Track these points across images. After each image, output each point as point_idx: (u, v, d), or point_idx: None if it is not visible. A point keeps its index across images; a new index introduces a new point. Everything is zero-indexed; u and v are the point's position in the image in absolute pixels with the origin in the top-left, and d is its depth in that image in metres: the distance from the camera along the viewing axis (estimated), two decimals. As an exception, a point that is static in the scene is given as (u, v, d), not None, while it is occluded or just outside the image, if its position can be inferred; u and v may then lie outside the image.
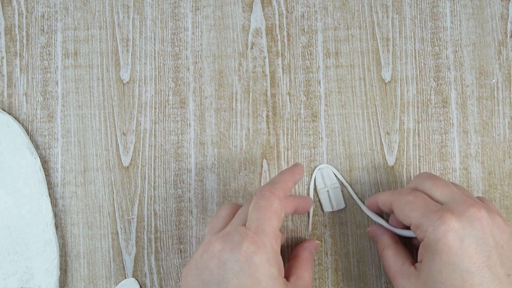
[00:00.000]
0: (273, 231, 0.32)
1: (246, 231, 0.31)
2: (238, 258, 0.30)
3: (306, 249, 0.37)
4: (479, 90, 0.41)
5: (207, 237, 0.34)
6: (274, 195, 0.33)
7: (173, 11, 0.42)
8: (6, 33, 0.42)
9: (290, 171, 0.36)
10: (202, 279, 0.32)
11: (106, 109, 0.42)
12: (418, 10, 0.42)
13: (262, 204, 0.32)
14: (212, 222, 0.35)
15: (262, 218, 0.32)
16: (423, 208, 0.32)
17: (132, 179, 0.41)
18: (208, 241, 0.33)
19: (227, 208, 0.35)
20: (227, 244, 0.31)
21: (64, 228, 0.41)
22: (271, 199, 0.32)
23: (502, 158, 0.41)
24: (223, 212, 0.35)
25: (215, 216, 0.35)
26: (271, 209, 0.32)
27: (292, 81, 0.42)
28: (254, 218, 0.32)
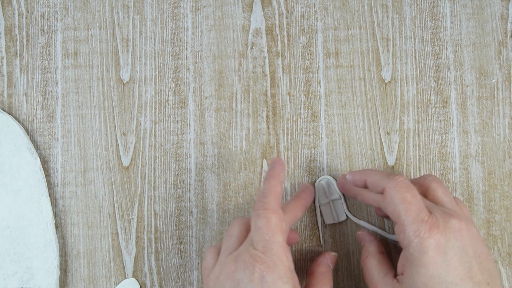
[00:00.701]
0: (280, 248, 0.32)
1: (255, 253, 0.31)
2: (251, 278, 0.31)
3: (321, 264, 0.37)
4: (479, 90, 0.41)
5: (222, 257, 0.34)
6: (269, 211, 0.32)
7: (173, 11, 0.42)
8: (6, 33, 0.42)
9: (273, 174, 0.35)
10: None
11: (106, 109, 0.42)
12: (418, 10, 0.42)
13: (260, 225, 0.32)
14: (225, 242, 0.35)
15: (265, 238, 0.32)
16: (415, 213, 0.32)
17: (132, 179, 0.41)
18: (223, 262, 0.33)
19: (238, 225, 0.35)
20: (240, 265, 0.31)
21: (64, 228, 0.41)
22: (267, 216, 0.32)
23: (502, 158, 0.41)
24: (234, 231, 0.35)
25: (226, 234, 0.35)
26: (271, 226, 0.32)
27: (292, 81, 0.42)
28: (258, 239, 0.32)
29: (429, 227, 0.31)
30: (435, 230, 0.31)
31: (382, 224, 0.40)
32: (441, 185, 0.35)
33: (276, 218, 0.32)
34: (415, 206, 0.32)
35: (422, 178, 0.36)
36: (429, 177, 0.35)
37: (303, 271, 0.40)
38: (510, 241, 0.40)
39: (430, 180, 0.35)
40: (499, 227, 0.40)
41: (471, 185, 0.41)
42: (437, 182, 0.35)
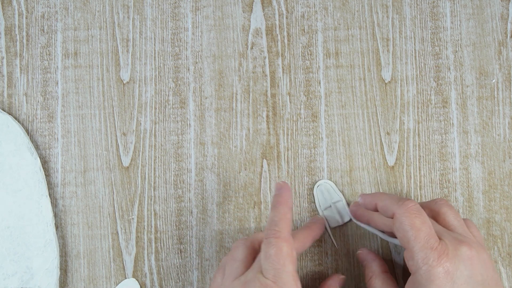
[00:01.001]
0: (290, 277, 0.31)
1: (266, 281, 0.31)
2: None
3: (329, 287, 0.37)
4: (479, 90, 0.41)
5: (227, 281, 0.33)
6: (280, 239, 0.32)
7: (173, 11, 0.42)
8: (6, 33, 0.42)
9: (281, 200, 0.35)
10: None
11: (106, 109, 0.42)
12: (418, 10, 0.42)
13: (271, 253, 0.32)
14: (230, 266, 0.34)
15: (276, 267, 0.31)
16: (424, 240, 0.31)
17: (132, 179, 0.41)
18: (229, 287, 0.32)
19: (242, 249, 0.34)
20: None
21: (64, 228, 0.41)
22: (279, 244, 0.32)
23: (502, 158, 0.41)
24: (239, 255, 0.34)
25: (230, 258, 0.34)
26: (282, 255, 0.32)
27: (292, 81, 0.42)
28: (269, 268, 0.32)
29: (438, 255, 0.30)
30: (444, 258, 0.30)
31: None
32: (452, 209, 0.35)
33: (287, 247, 0.32)
34: (424, 233, 0.32)
35: (432, 202, 0.36)
36: (440, 201, 0.35)
37: (308, 276, 0.40)
38: (510, 241, 0.40)
39: (441, 204, 0.35)
40: (499, 227, 0.40)
41: (471, 185, 0.41)
42: (448, 206, 0.35)
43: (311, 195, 0.41)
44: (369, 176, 0.41)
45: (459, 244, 0.31)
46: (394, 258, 0.40)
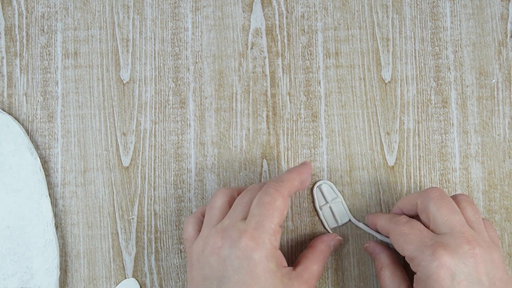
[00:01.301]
0: (273, 228, 0.32)
1: (245, 227, 0.31)
2: (237, 254, 0.30)
3: (323, 242, 0.37)
4: (479, 90, 0.41)
5: (205, 229, 0.34)
6: (279, 193, 0.33)
7: (173, 11, 0.42)
8: (6, 33, 0.42)
9: (298, 169, 0.36)
10: (203, 274, 0.32)
11: (106, 109, 0.42)
12: (418, 10, 0.42)
13: (265, 200, 0.32)
14: (208, 213, 0.34)
15: (264, 214, 0.32)
16: (417, 241, 0.32)
17: (132, 179, 0.41)
18: (207, 235, 0.33)
19: (221, 197, 0.35)
20: (226, 241, 0.31)
21: (64, 228, 0.41)
22: (275, 196, 0.32)
23: (502, 158, 0.41)
24: (217, 202, 0.34)
25: (209, 206, 0.35)
26: (274, 205, 0.32)
27: (292, 81, 0.42)
28: (256, 213, 0.32)
29: (433, 250, 0.30)
30: (440, 252, 0.30)
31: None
32: (471, 205, 0.34)
33: (282, 202, 0.32)
34: (414, 235, 0.32)
35: (454, 196, 0.35)
36: (461, 196, 0.35)
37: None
38: (510, 241, 0.40)
39: (461, 198, 0.35)
40: (499, 227, 0.40)
41: (471, 185, 0.41)
42: (467, 202, 0.34)
43: (311, 195, 0.41)
44: (369, 176, 0.41)
45: (464, 242, 0.31)
46: None
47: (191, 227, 0.35)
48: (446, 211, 0.33)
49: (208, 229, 0.33)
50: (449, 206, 0.33)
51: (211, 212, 0.34)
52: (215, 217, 0.34)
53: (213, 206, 0.35)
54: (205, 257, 0.32)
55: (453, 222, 0.32)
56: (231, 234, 0.31)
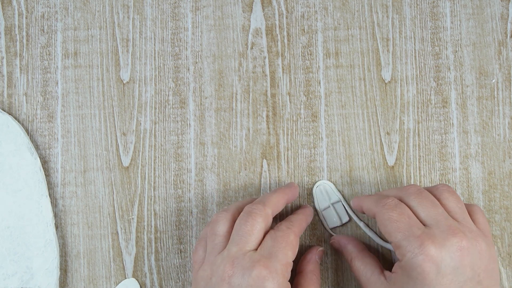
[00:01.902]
0: (286, 259, 0.32)
1: (258, 257, 0.31)
2: (250, 282, 0.30)
3: (309, 262, 0.37)
4: (479, 90, 0.41)
5: (210, 256, 0.33)
6: (291, 230, 0.34)
7: (173, 11, 0.42)
8: (6, 33, 0.42)
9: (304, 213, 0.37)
10: None
11: (106, 109, 0.42)
12: (418, 10, 0.42)
13: (279, 234, 0.33)
14: (211, 240, 0.34)
15: (277, 246, 0.32)
16: (405, 229, 0.31)
17: (132, 179, 0.41)
18: (213, 262, 0.33)
19: (224, 223, 0.34)
20: (237, 269, 0.31)
21: (64, 228, 0.41)
22: (288, 232, 0.33)
23: (502, 158, 0.41)
24: (220, 229, 0.34)
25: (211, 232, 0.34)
26: (287, 239, 0.33)
27: (292, 81, 0.42)
28: (269, 245, 0.32)
29: (421, 242, 0.30)
30: (428, 244, 0.30)
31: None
32: (453, 195, 0.34)
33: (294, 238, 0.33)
34: (403, 223, 0.32)
35: (434, 187, 0.35)
36: (442, 187, 0.35)
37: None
38: (510, 241, 0.40)
39: (442, 190, 0.34)
40: (499, 227, 0.40)
41: (471, 185, 0.41)
42: (449, 192, 0.34)
43: (311, 195, 0.41)
44: (369, 176, 0.41)
45: (450, 234, 0.30)
46: (393, 258, 0.40)
47: (201, 250, 0.35)
48: (427, 205, 0.32)
49: (213, 256, 0.33)
50: (429, 200, 0.33)
51: (214, 240, 0.34)
52: (220, 245, 0.34)
53: (216, 233, 0.34)
54: (213, 285, 0.32)
55: (436, 215, 0.32)
56: (242, 262, 0.31)
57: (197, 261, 0.35)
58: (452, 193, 0.34)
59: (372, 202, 0.35)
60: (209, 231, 0.35)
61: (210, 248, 0.34)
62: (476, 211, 0.34)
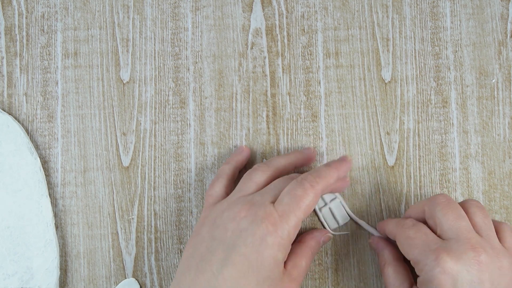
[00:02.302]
0: (296, 222, 0.32)
1: (272, 211, 0.32)
2: (255, 231, 0.31)
3: (313, 238, 0.37)
4: (479, 90, 0.41)
5: (235, 195, 0.35)
6: (313, 188, 0.33)
7: (173, 11, 0.42)
8: (6, 33, 0.42)
9: (337, 167, 0.36)
10: (214, 234, 0.33)
11: (106, 109, 0.42)
12: (418, 10, 0.42)
13: (298, 193, 0.33)
14: (243, 182, 0.35)
15: (292, 206, 0.32)
16: (422, 245, 0.32)
17: (132, 179, 0.41)
18: (235, 201, 0.34)
19: (262, 174, 0.36)
20: (250, 214, 0.32)
21: (64, 228, 0.41)
22: (308, 191, 0.33)
23: (502, 158, 0.41)
24: (257, 177, 0.36)
25: (248, 176, 0.36)
26: (304, 201, 0.33)
27: (292, 81, 0.42)
28: (284, 202, 0.33)
29: (436, 255, 0.30)
30: (444, 257, 0.30)
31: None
32: (481, 210, 0.33)
33: (313, 199, 0.33)
34: (419, 239, 0.32)
35: (464, 201, 0.35)
36: (471, 201, 0.34)
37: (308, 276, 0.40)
38: (510, 241, 0.40)
39: (471, 204, 0.34)
40: (499, 227, 0.40)
41: (471, 185, 0.41)
42: (477, 207, 0.34)
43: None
44: (369, 176, 0.41)
45: (469, 247, 0.30)
46: None
47: (220, 186, 0.37)
48: (452, 217, 0.32)
49: (237, 196, 0.34)
50: (456, 211, 0.33)
51: (247, 183, 0.35)
52: (249, 189, 0.35)
53: (251, 178, 0.36)
54: (223, 219, 0.33)
55: (459, 227, 0.32)
56: (257, 210, 0.32)
57: (213, 195, 0.36)
58: (481, 209, 0.34)
59: (393, 224, 0.36)
60: (245, 175, 0.36)
61: (238, 189, 0.35)
62: (505, 229, 0.34)
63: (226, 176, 0.38)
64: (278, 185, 0.35)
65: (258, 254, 0.31)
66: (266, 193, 0.34)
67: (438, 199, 0.34)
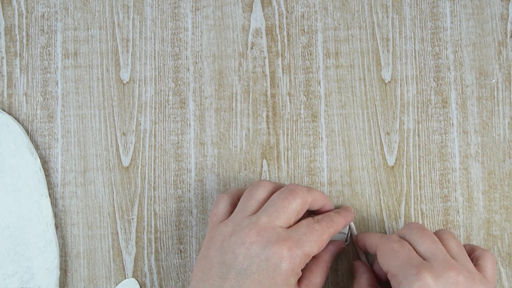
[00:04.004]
0: (309, 252, 0.33)
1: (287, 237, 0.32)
2: (268, 256, 0.31)
3: (327, 252, 0.37)
4: (479, 90, 0.41)
5: (238, 216, 0.34)
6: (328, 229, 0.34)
7: (173, 11, 0.42)
8: (6, 33, 0.42)
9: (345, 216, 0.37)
10: (224, 259, 0.32)
11: (106, 109, 0.42)
12: (418, 10, 0.42)
13: (315, 227, 0.33)
14: (244, 201, 0.35)
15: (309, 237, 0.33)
16: (404, 259, 0.32)
17: (132, 179, 0.41)
18: (239, 223, 0.33)
19: (264, 190, 0.35)
20: (263, 240, 0.32)
21: (64, 228, 0.41)
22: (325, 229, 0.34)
23: (502, 158, 0.41)
24: (258, 194, 0.35)
25: (249, 194, 0.35)
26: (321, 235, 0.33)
27: (292, 81, 0.42)
28: (301, 231, 0.33)
29: (417, 271, 0.31)
30: (425, 273, 0.30)
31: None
32: (454, 238, 0.35)
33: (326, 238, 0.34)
34: (402, 253, 0.32)
35: (436, 231, 0.36)
36: (442, 230, 0.36)
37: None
38: (510, 241, 0.40)
39: (443, 231, 0.35)
40: (499, 227, 0.40)
41: (471, 185, 0.41)
42: (450, 234, 0.35)
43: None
44: (369, 176, 0.41)
45: (448, 268, 0.31)
46: None
47: (224, 204, 0.36)
48: (428, 240, 0.33)
49: (241, 217, 0.34)
50: (430, 236, 0.34)
51: (248, 201, 0.35)
52: (251, 208, 0.34)
53: (252, 196, 0.35)
54: (231, 244, 0.32)
55: (435, 249, 0.33)
56: (269, 235, 0.32)
57: (217, 214, 0.35)
58: (453, 237, 0.35)
59: (377, 237, 0.36)
60: (246, 192, 0.35)
61: (240, 208, 0.34)
62: (487, 258, 0.34)
63: (231, 193, 0.37)
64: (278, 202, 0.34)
65: (272, 280, 0.31)
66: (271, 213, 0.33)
67: (414, 225, 0.35)
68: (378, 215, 0.40)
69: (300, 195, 0.34)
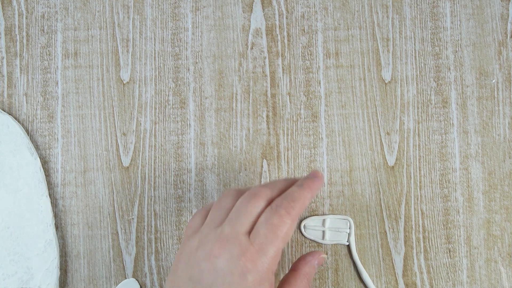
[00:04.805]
0: (275, 252, 0.31)
1: (248, 247, 0.30)
2: (232, 270, 0.30)
3: (307, 264, 0.36)
4: (479, 90, 0.41)
5: (205, 228, 0.32)
6: (290, 215, 0.31)
7: (173, 11, 0.42)
8: (6, 33, 0.42)
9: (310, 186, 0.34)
10: (190, 274, 0.31)
11: (106, 109, 0.42)
12: (418, 10, 0.42)
13: (274, 222, 0.31)
14: (213, 212, 0.33)
15: (269, 236, 0.30)
16: None
17: (132, 179, 0.41)
18: (205, 236, 0.32)
19: (232, 199, 0.33)
20: (225, 253, 0.30)
21: (64, 229, 0.41)
22: (285, 219, 0.31)
23: (502, 158, 0.41)
24: (226, 203, 0.33)
25: (217, 205, 0.33)
26: (282, 229, 0.31)
27: (292, 81, 0.42)
28: (261, 233, 0.31)
29: None
30: None
31: (382, 224, 0.40)
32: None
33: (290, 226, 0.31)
34: None
35: None
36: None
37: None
38: (510, 241, 0.40)
39: None
40: (499, 227, 0.40)
41: (471, 185, 0.41)
42: None
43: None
44: (369, 176, 0.41)
45: None
46: (393, 257, 0.40)
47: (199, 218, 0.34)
48: None
49: (208, 229, 0.32)
50: None
51: (216, 212, 0.33)
52: (219, 219, 0.33)
53: (220, 206, 0.33)
54: (197, 259, 0.31)
55: None
56: (231, 248, 0.30)
57: (191, 227, 0.34)
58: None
59: None
60: (215, 203, 0.34)
61: (209, 220, 0.33)
62: None
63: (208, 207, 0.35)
64: (241, 208, 0.32)
65: None
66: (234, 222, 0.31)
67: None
68: (378, 215, 0.40)
69: (263, 197, 0.32)
